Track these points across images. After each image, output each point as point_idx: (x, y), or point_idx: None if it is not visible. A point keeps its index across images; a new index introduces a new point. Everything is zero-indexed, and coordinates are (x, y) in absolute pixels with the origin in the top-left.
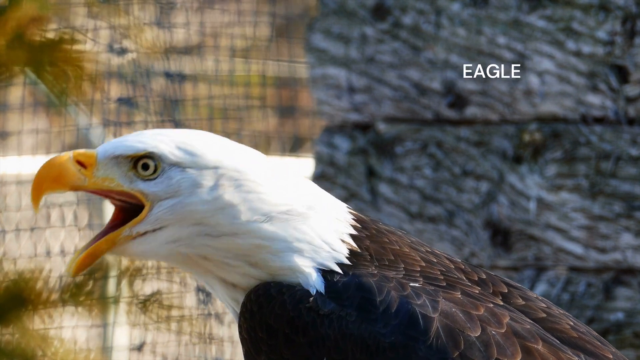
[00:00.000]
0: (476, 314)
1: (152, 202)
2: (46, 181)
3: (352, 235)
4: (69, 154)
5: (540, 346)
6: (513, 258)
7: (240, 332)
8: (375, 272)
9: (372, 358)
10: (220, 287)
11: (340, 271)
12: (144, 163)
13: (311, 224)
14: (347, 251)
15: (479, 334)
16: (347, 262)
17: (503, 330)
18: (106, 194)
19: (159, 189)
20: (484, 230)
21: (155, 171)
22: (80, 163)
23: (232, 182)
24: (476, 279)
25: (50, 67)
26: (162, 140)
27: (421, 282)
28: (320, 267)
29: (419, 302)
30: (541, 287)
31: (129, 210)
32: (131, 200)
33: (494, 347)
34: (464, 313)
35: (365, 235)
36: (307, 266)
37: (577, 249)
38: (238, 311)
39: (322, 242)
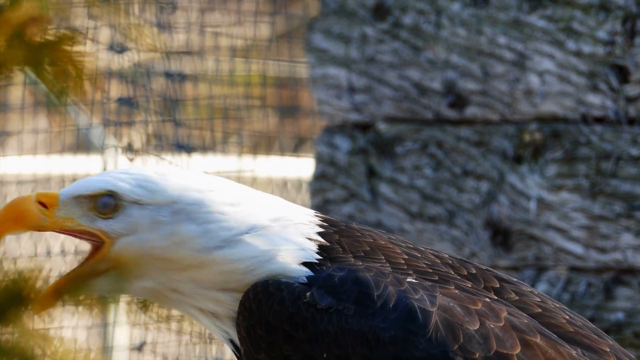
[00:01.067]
0: (474, 308)
1: (113, 239)
2: (7, 222)
3: (319, 233)
4: (31, 194)
5: (539, 340)
6: (513, 258)
7: (238, 332)
8: (362, 265)
9: (372, 352)
10: (202, 317)
11: (316, 262)
12: (104, 202)
13: (276, 233)
14: (317, 247)
15: (477, 327)
16: (318, 256)
17: (502, 324)
18: (68, 233)
19: (118, 227)
20: (484, 230)
21: (115, 209)
22: (42, 204)
23: (190, 215)
24: (465, 273)
25: (50, 66)
26: (123, 179)
27: (415, 277)
28: (295, 265)
29: (416, 297)
30: (541, 287)
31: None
32: (94, 239)
33: (493, 340)
34: (462, 307)
35: (334, 231)
36: (282, 267)
37: (577, 249)
38: (228, 338)
39: (291, 244)
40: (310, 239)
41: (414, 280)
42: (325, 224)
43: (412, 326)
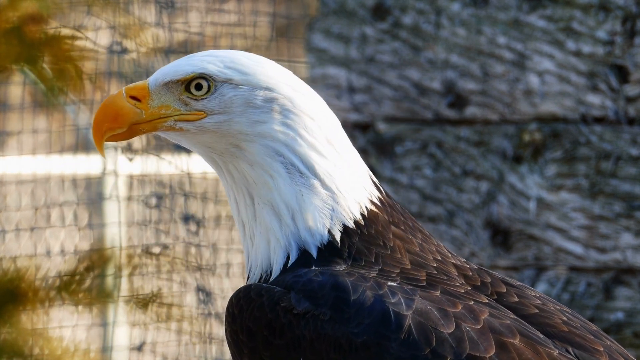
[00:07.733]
0: (452, 311)
1: (207, 113)
2: (105, 122)
3: (343, 229)
4: (122, 90)
5: (516, 341)
6: (513, 258)
7: (226, 336)
8: (347, 269)
9: (345, 357)
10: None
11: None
12: (197, 84)
13: (313, 207)
14: (327, 242)
15: (452, 330)
16: (320, 252)
17: (479, 327)
18: (163, 128)
19: (212, 105)
20: (484, 230)
21: (208, 90)
22: (134, 98)
23: (281, 108)
24: (470, 274)
25: (49, 64)
26: (210, 61)
27: (398, 282)
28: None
29: (393, 301)
30: (541, 287)
31: None
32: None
33: (466, 342)
34: (439, 310)
35: (361, 231)
36: (279, 246)
37: (577, 248)
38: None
39: (309, 229)
40: (330, 232)
41: (394, 284)
42: (362, 218)
43: (385, 330)
